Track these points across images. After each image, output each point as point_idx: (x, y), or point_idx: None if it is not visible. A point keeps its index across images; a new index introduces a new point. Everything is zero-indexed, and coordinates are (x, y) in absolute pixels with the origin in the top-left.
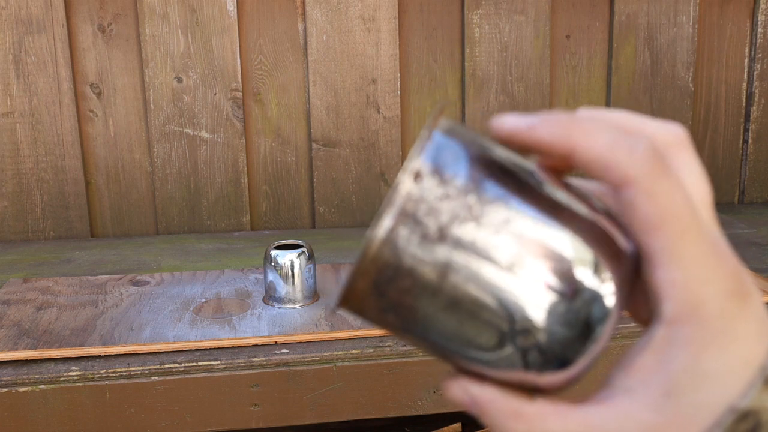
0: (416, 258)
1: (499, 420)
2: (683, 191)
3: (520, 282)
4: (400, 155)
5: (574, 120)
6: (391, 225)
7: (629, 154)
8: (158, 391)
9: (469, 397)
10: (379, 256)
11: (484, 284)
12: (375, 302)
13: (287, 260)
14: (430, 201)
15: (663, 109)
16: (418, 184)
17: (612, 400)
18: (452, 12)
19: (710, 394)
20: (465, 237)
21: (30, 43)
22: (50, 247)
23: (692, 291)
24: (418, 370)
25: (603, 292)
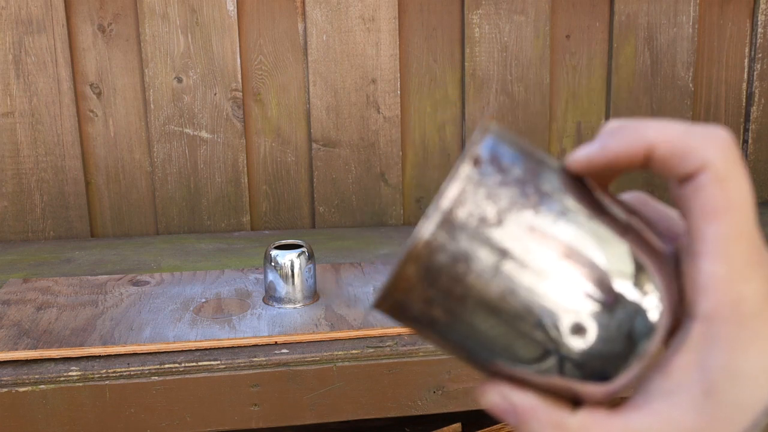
0: (474, 241)
1: (538, 429)
2: (749, 184)
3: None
4: (400, 155)
5: (638, 122)
6: (449, 207)
7: (706, 139)
8: (158, 391)
9: (509, 405)
10: (434, 240)
11: (540, 276)
12: (422, 292)
13: (287, 260)
14: (489, 185)
15: (663, 109)
16: (477, 168)
17: (651, 405)
18: (452, 12)
19: (748, 394)
20: (523, 224)
21: (30, 43)
22: (50, 247)
23: (734, 287)
24: (418, 370)
25: (647, 305)
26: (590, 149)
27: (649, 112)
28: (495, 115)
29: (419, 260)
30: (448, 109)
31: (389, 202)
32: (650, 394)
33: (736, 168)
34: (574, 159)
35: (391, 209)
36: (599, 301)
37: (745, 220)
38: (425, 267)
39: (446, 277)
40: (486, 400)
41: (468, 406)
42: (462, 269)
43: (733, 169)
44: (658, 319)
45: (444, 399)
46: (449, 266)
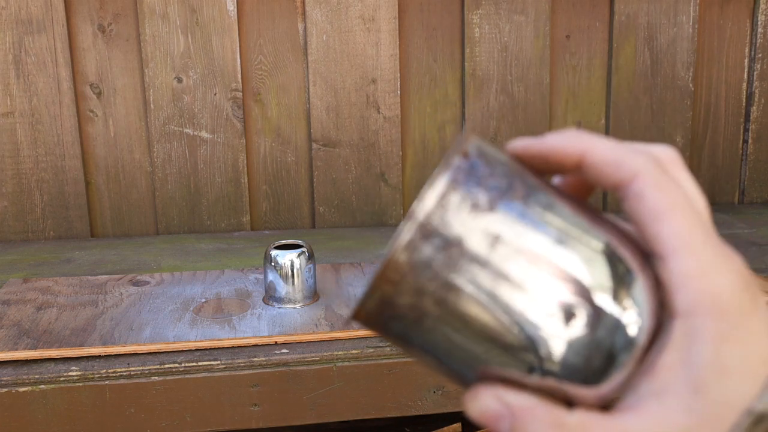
0: (467, 226)
1: (537, 430)
2: (685, 192)
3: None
4: (400, 155)
5: (580, 131)
6: (443, 191)
7: (636, 151)
8: (158, 391)
9: (504, 407)
10: (428, 222)
11: (534, 262)
12: (414, 281)
13: (287, 260)
14: (479, 175)
15: (663, 109)
16: (467, 160)
17: (643, 407)
18: (452, 12)
19: (736, 389)
20: (514, 212)
21: (30, 43)
22: (50, 247)
23: (707, 279)
24: (418, 370)
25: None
26: (530, 139)
27: (649, 112)
28: (492, 116)
29: (411, 246)
30: (448, 109)
31: (389, 202)
32: (641, 396)
33: (667, 176)
34: (515, 142)
35: (391, 209)
36: (588, 291)
37: (693, 215)
38: (417, 253)
39: (439, 262)
40: (477, 405)
41: None
42: (455, 254)
43: (664, 177)
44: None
45: (444, 399)
46: (442, 251)
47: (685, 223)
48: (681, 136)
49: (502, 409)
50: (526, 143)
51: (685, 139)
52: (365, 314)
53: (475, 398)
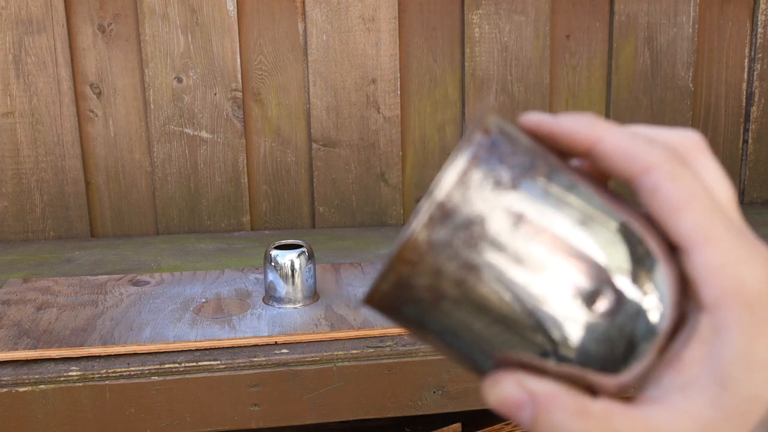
0: (489, 203)
1: (560, 417)
2: (703, 182)
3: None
4: (400, 155)
5: (598, 118)
6: (465, 167)
7: (649, 142)
8: (158, 391)
9: (527, 393)
10: (449, 200)
11: (554, 241)
12: (433, 261)
13: (287, 260)
14: (501, 152)
15: (663, 109)
16: (488, 136)
17: (668, 400)
18: (452, 12)
19: (761, 385)
20: (537, 190)
21: (30, 43)
22: (50, 247)
23: (732, 271)
24: (418, 370)
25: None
26: (546, 116)
27: (649, 112)
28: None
29: (431, 224)
30: (448, 109)
31: (389, 202)
32: (666, 389)
33: (683, 167)
34: (528, 115)
35: (391, 209)
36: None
37: (713, 206)
38: (437, 232)
39: (459, 242)
40: (497, 391)
41: (468, 406)
42: (476, 233)
43: (680, 168)
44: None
45: (444, 399)
46: (463, 230)
47: (704, 215)
48: None
49: (524, 395)
50: (539, 119)
51: None
52: (379, 297)
53: (496, 384)
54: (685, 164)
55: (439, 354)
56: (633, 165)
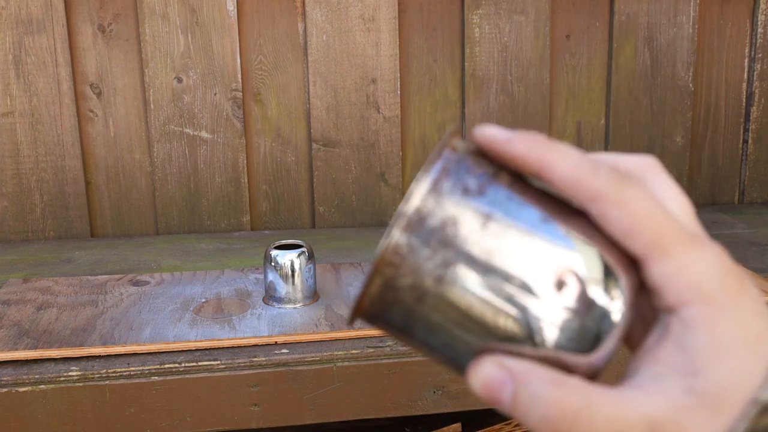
0: (459, 207)
1: (537, 388)
2: (652, 197)
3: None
4: (400, 155)
5: (549, 141)
6: (436, 177)
7: (593, 172)
8: (158, 391)
9: (505, 372)
10: (423, 206)
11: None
12: (414, 261)
13: (287, 260)
14: (468, 165)
15: (663, 109)
16: (455, 153)
17: (645, 386)
18: (452, 12)
19: (732, 369)
20: (501, 195)
21: (30, 43)
22: (50, 247)
23: (687, 273)
24: (418, 370)
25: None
26: (498, 133)
27: (649, 112)
28: (492, 116)
29: (409, 228)
30: (448, 109)
31: (389, 202)
32: (641, 378)
33: (628, 189)
34: (481, 129)
35: (391, 209)
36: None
37: (665, 222)
38: (415, 234)
39: (436, 241)
40: (479, 374)
41: (468, 406)
42: (450, 233)
43: (625, 191)
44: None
45: (444, 399)
46: (438, 231)
47: (652, 231)
48: (681, 136)
49: (503, 373)
50: (491, 137)
51: (685, 139)
52: (368, 302)
53: (477, 368)
54: (629, 183)
55: (426, 358)
56: (579, 193)
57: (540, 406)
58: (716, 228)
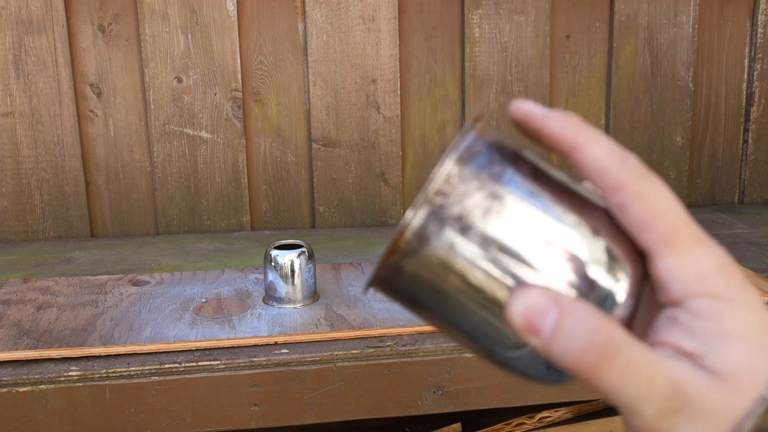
0: (505, 155)
1: (586, 316)
2: (670, 194)
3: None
4: (400, 155)
5: (585, 123)
6: (480, 131)
7: (621, 162)
8: (158, 391)
9: (552, 299)
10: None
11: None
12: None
13: (287, 260)
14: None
15: (663, 109)
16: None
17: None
18: (452, 12)
19: (739, 355)
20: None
21: (30, 43)
22: (50, 247)
23: (694, 268)
24: (418, 370)
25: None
26: (537, 109)
27: (649, 112)
28: (493, 115)
29: (462, 160)
30: (448, 109)
31: (389, 202)
32: None
33: (650, 183)
34: (520, 103)
35: (391, 209)
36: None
37: (678, 219)
38: (467, 165)
39: (485, 175)
40: (522, 301)
41: (468, 406)
42: (498, 170)
43: (647, 185)
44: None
45: (444, 399)
46: (487, 167)
47: (666, 228)
48: (681, 136)
49: (549, 300)
50: (529, 112)
51: (685, 139)
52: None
53: (523, 294)
54: (652, 178)
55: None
56: (605, 181)
57: (586, 332)
58: (716, 228)
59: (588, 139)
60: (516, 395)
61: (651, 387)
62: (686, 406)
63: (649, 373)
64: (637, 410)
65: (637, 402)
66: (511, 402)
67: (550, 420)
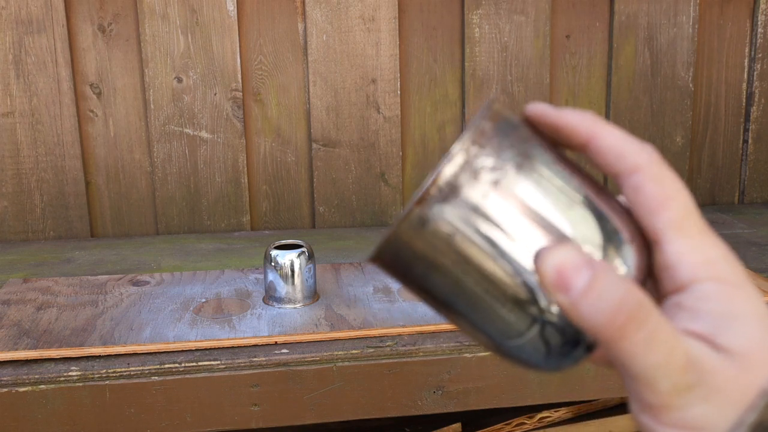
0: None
1: (619, 278)
2: (682, 183)
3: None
4: (400, 155)
5: (597, 116)
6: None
7: (639, 146)
8: (158, 391)
9: (584, 259)
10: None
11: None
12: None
13: (287, 260)
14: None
15: (663, 109)
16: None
17: None
18: (452, 12)
19: (750, 336)
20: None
21: (30, 43)
22: (50, 247)
23: (702, 253)
24: (418, 370)
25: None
26: (551, 107)
27: (649, 112)
28: None
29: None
30: (448, 109)
31: (389, 202)
32: None
33: (666, 169)
34: (534, 105)
35: (391, 209)
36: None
37: (686, 204)
38: (499, 124)
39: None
40: (556, 256)
41: (468, 406)
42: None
43: (663, 170)
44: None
45: (444, 399)
46: (516, 130)
47: (678, 213)
48: (681, 136)
49: (584, 259)
50: (544, 109)
51: (685, 139)
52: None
53: (556, 250)
54: (666, 165)
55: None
56: (623, 164)
57: (620, 293)
58: (716, 228)
59: (605, 127)
60: (516, 395)
61: (670, 358)
62: (701, 383)
63: (671, 343)
64: (652, 382)
65: (656, 372)
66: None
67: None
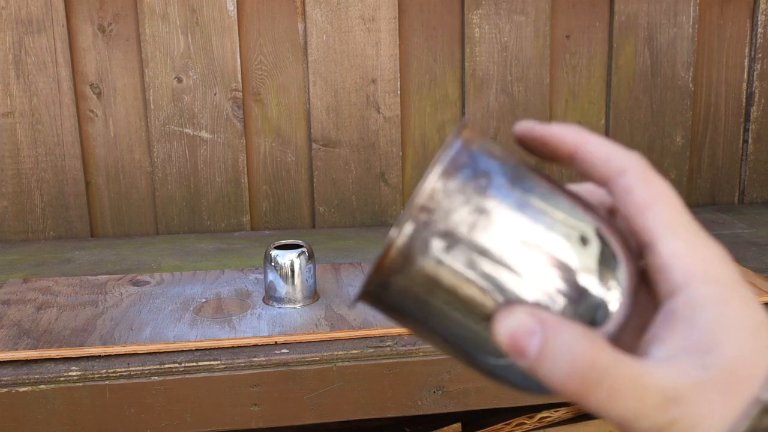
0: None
1: (569, 339)
2: (668, 186)
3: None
4: (400, 155)
5: (581, 128)
6: (467, 138)
7: (626, 151)
8: (158, 391)
9: (537, 321)
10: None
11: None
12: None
13: (287, 260)
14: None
15: (663, 109)
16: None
17: (658, 365)
18: (452, 12)
19: (743, 345)
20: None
21: (30, 43)
22: (50, 247)
23: (697, 255)
24: (418, 370)
25: (609, 298)
26: (536, 123)
27: (649, 112)
28: (492, 116)
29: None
30: (448, 109)
31: (389, 202)
32: (654, 359)
33: (654, 174)
34: (521, 123)
35: (391, 209)
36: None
37: (676, 203)
38: (451, 178)
39: (470, 189)
40: (509, 322)
41: (468, 406)
42: (484, 183)
43: (651, 172)
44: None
45: (444, 399)
46: (472, 180)
47: (669, 212)
48: (681, 136)
49: (535, 322)
50: (531, 125)
51: (685, 139)
52: (395, 253)
53: (509, 314)
54: (653, 169)
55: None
56: (611, 167)
57: (570, 358)
58: (716, 228)
59: (591, 136)
60: (516, 395)
61: (641, 404)
62: (685, 414)
63: (638, 391)
64: (633, 425)
65: (629, 420)
66: (511, 402)
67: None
